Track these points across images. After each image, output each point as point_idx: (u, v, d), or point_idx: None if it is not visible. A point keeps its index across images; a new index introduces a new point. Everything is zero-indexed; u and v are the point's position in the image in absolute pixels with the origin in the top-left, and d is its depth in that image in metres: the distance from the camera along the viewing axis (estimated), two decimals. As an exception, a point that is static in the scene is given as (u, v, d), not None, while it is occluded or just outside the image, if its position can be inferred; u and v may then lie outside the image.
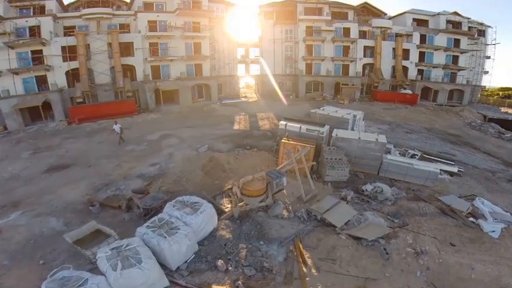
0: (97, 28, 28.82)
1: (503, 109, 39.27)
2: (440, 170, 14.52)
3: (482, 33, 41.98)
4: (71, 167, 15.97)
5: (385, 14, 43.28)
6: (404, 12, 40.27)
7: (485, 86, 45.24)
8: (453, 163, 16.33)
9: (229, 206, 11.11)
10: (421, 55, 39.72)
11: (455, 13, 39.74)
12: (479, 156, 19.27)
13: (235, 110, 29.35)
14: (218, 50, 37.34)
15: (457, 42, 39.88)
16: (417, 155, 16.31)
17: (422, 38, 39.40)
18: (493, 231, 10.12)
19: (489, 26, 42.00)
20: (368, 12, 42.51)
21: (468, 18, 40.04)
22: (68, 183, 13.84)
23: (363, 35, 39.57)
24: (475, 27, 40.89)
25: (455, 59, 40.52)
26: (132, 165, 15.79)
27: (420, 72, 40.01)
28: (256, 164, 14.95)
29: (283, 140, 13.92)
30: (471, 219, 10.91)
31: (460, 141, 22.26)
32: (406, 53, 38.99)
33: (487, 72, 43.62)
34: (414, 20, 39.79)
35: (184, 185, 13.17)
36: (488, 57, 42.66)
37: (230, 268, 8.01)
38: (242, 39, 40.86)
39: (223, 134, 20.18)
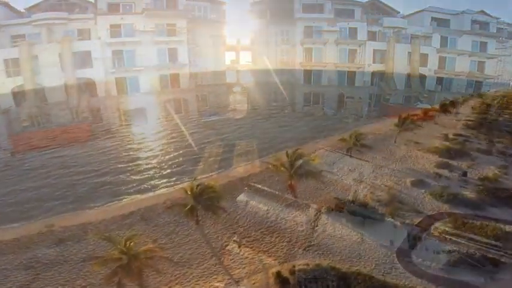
0: (47, 36, 23.94)
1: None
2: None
3: (511, 35, 35.69)
4: None
5: (398, 13, 37.10)
6: (422, 11, 34.25)
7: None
8: None
9: None
10: (441, 61, 33.78)
11: (482, 12, 33.67)
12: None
13: (210, 137, 23.33)
14: (201, 55, 32.10)
15: (483, 45, 33.83)
16: None
17: (443, 41, 33.51)
18: None
19: (520, 27, 35.65)
20: (378, 10, 36.42)
21: (497, 18, 33.84)
22: None
23: (371, 36, 33.68)
24: (505, 29, 34.59)
25: (481, 65, 34.44)
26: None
27: (440, 81, 34.05)
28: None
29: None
30: None
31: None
32: (423, 58, 33.13)
33: (514, 79, 37.44)
34: (433, 19, 33.70)
35: None
36: (518, 63, 36.36)
37: None
38: (231, 42, 35.54)
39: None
